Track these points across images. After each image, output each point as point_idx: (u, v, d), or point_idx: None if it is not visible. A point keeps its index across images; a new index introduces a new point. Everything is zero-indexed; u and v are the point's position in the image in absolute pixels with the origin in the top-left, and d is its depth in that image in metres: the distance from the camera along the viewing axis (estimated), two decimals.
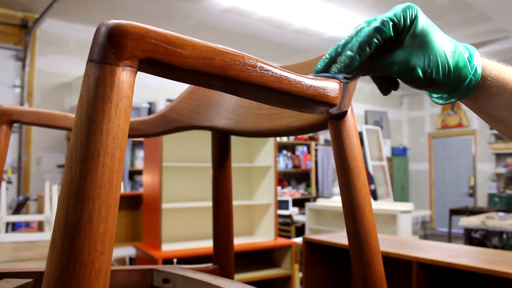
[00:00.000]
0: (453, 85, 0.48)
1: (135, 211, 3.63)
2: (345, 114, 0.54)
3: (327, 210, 4.96)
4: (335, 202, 5.01)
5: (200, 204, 3.01)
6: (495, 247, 4.74)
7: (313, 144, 7.45)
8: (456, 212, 6.30)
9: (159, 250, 2.76)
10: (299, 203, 6.80)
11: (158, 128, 0.83)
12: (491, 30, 5.80)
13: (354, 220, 0.54)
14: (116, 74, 0.30)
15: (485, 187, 8.54)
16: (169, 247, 2.82)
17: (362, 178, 0.55)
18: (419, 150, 9.57)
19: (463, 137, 9.00)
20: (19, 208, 4.17)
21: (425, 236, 7.87)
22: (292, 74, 0.38)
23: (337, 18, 5.27)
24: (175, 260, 0.89)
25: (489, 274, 1.74)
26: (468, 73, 0.47)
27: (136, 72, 0.32)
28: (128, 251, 3.31)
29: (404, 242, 2.48)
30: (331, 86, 0.44)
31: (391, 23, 0.45)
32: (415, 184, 9.54)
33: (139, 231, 3.53)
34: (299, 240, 3.59)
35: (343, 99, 0.47)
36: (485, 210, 6.01)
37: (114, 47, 0.30)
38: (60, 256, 0.28)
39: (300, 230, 5.54)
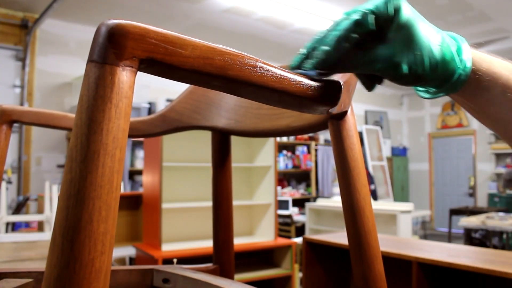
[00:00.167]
0: (441, 79, 0.44)
1: (135, 211, 3.63)
2: (345, 114, 0.54)
3: (327, 210, 4.96)
4: (335, 202, 5.00)
5: (200, 204, 3.01)
6: (495, 247, 4.74)
7: (313, 144, 7.45)
8: (456, 212, 6.30)
9: (159, 250, 2.76)
10: (299, 203, 6.80)
11: (158, 128, 0.83)
12: (491, 30, 5.80)
13: (354, 220, 0.54)
14: (116, 74, 0.30)
15: (485, 187, 8.54)
16: (169, 247, 2.82)
17: (362, 178, 0.55)
18: (419, 150, 9.56)
19: (463, 137, 9.00)
20: (19, 208, 4.17)
21: (425, 236, 7.87)
22: (292, 74, 0.39)
23: (337, 18, 5.25)
24: (175, 260, 0.90)
25: (489, 274, 1.74)
26: (457, 66, 0.44)
27: (136, 72, 0.31)
28: (128, 251, 3.31)
29: (404, 242, 2.48)
30: (331, 86, 0.44)
31: (372, 15, 0.41)
32: (415, 184, 9.54)
33: (139, 231, 3.53)
34: (299, 240, 3.59)
35: (343, 99, 0.47)
36: (485, 210, 6.00)
37: (114, 47, 0.30)
38: (60, 256, 0.28)
39: (300, 230, 5.54)
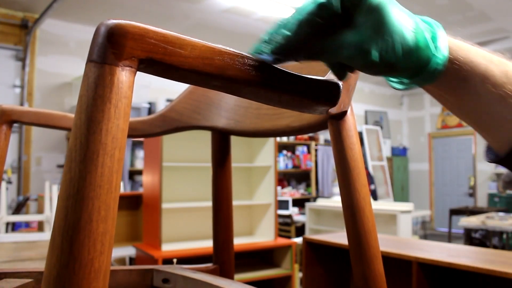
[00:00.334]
0: (415, 69, 0.41)
1: (135, 211, 3.63)
2: (344, 114, 0.54)
3: (327, 210, 4.96)
4: (335, 202, 5.00)
5: (200, 204, 3.01)
6: (495, 247, 4.74)
7: (313, 144, 7.45)
8: (456, 212, 6.30)
9: (159, 250, 2.76)
10: (299, 203, 6.79)
11: (158, 128, 0.83)
12: (491, 30, 5.80)
13: (354, 220, 0.54)
14: (115, 74, 0.30)
15: (485, 187, 8.54)
16: (169, 247, 2.82)
17: (362, 178, 0.55)
18: (419, 150, 9.56)
19: (463, 137, 9.00)
20: (19, 208, 4.17)
21: (425, 236, 7.87)
22: (291, 74, 0.38)
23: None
24: (175, 260, 0.89)
25: (489, 274, 1.74)
26: (432, 54, 0.40)
27: (135, 72, 0.31)
28: (128, 251, 3.31)
29: (404, 242, 2.48)
30: (331, 86, 0.44)
31: None
32: (415, 184, 9.54)
33: (139, 231, 3.53)
34: (299, 240, 3.58)
35: (343, 99, 0.47)
36: (485, 210, 6.00)
37: (114, 47, 0.30)
38: (59, 256, 0.28)
39: (300, 230, 5.54)
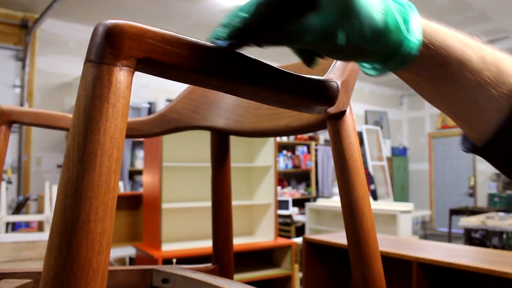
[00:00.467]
0: (386, 53, 0.37)
1: (135, 211, 3.63)
2: (343, 113, 0.54)
3: (327, 210, 4.96)
4: (335, 202, 5.00)
5: (200, 204, 3.01)
6: (495, 247, 4.74)
7: (313, 144, 7.45)
8: (456, 212, 6.30)
9: (159, 250, 2.76)
10: (299, 203, 6.79)
11: (158, 128, 0.83)
12: (491, 30, 5.80)
13: (353, 219, 0.54)
14: (113, 74, 0.30)
15: (485, 187, 8.54)
16: (169, 247, 2.82)
17: (361, 177, 0.55)
18: (419, 150, 9.56)
19: None
20: (19, 208, 4.17)
21: (425, 236, 7.87)
22: (290, 74, 0.38)
23: None
24: (174, 260, 0.90)
25: (489, 274, 1.74)
26: (403, 37, 0.37)
27: (133, 72, 0.31)
28: (128, 251, 3.31)
29: (404, 242, 2.48)
30: (329, 86, 0.44)
31: None
32: (415, 184, 9.54)
33: (139, 231, 3.53)
34: (299, 240, 3.58)
35: (341, 98, 0.47)
36: (485, 210, 6.00)
37: (112, 47, 0.30)
38: (57, 256, 0.28)
39: (300, 230, 5.53)
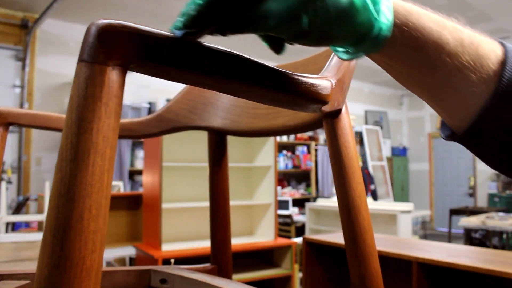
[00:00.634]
0: (356, 36, 0.35)
1: (135, 211, 3.63)
2: (339, 112, 0.54)
3: (327, 210, 4.96)
4: (335, 202, 4.95)
5: (200, 204, 3.01)
6: (495, 247, 4.74)
7: (313, 144, 7.45)
8: (456, 212, 6.29)
9: (159, 250, 2.76)
10: (299, 203, 6.79)
11: (155, 128, 0.83)
12: (491, 30, 5.80)
13: (349, 218, 0.54)
14: (106, 73, 0.30)
15: (485, 187, 8.54)
16: (169, 247, 2.82)
17: (357, 176, 0.55)
18: (419, 150, 9.56)
19: None
20: (19, 208, 4.18)
21: (425, 236, 7.86)
22: (284, 72, 0.38)
23: None
24: (172, 260, 0.90)
25: (489, 274, 1.74)
26: (373, 18, 0.35)
27: (126, 71, 0.32)
28: (128, 251, 3.31)
29: (404, 242, 2.48)
30: (323, 84, 0.44)
31: None
32: (415, 184, 9.54)
33: (139, 231, 3.53)
34: (299, 240, 3.58)
35: (336, 97, 0.47)
36: (485, 210, 6.00)
37: (104, 47, 0.30)
38: (50, 255, 0.28)
39: (300, 230, 5.53)
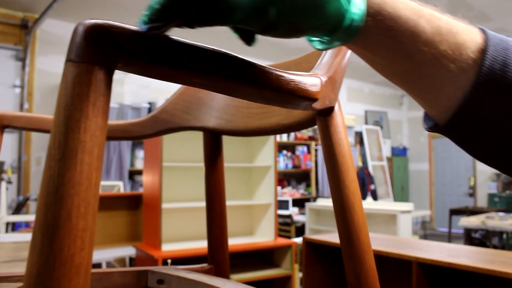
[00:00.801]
0: (327, 26, 0.34)
1: (135, 211, 3.63)
2: (332, 110, 0.55)
3: (327, 210, 4.96)
4: None
5: (200, 204, 3.01)
6: (495, 247, 4.74)
7: (313, 144, 7.45)
8: (456, 212, 6.29)
9: (159, 250, 2.76)
10: (299, 203, 6.79)
11: (150, 129, 0.83)
12: (491, 30, 5.77)
13: (344, 215, 0.54)
14: (93, 73, 0.30)
15: (485, 187, 8.53)
16: (169, 247, 2.82)
17: (350, 173, 0.55)
18: (419, 150, 9.56)
19: None
20: (19, 208, 4.18)
21: (425, 236, 7.86)
22: (271, 70, 0.39)
23: None
24: (169, 260, 0.90)
25: (489, 274, 1.74)
26: (342, 9, 0.34)
27: (113, 70, 0.32)
28: (128, 251, 3.31)
29: (404, 242, 2.48)
30: (311, 81, 0.44)
31: None
32: (415, 184, 9.53)
33: (139, 231, 3.53)
34: (299, 240, 3.58)
35: (328, 94, 0.47)
36: (485, 210, 6.00)
37: (91, 46, 0.30)
38: (39, 253, 0.28)
39: (300, 230, 5.53)
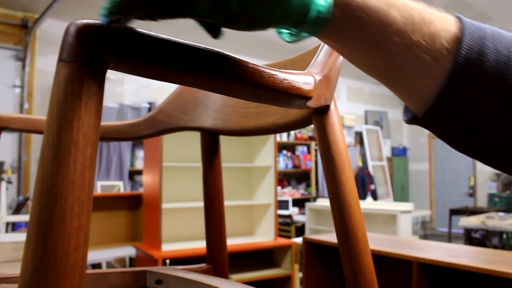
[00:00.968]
0: (293, 17, 0.33)
1: (135, 211, 3.64)
2: (327, 108, 0.55)
3: (327, 210, 4.96)
4: None
5: (200, 204, 2.97)
6: (495, 247, 4.73)
7: (313, 144, 7.44)
8: (456, 212, 6.29)
9: (159, 250, 2.76)
10: (299, 203, 6.79)
11: (147, 130, 0.84)
12: None
13: (341, 214, 0.55)
14: (85, 72, 0.30)
15: (485, 187, 8.53)
16: (169, 247, 2.82)
17: (347, 172, 0.55)
18: (419, 150, 9.55)
19: None
20: (19, 208, 4.18)
21: (425, 236, 7.86)
22: (264, 68, 0.39)
23: None
24: (167, 261, 0.90)
25: (489, 274, 1.74)
26: (307, 0, 0.32)
27: (105, 70, 0.32)
28: (128, 251, 3.31)
29: (404, 242, 2.48)
30: (304, 79, 0.44)
31: None
32: (415, 184, 9.53)
33: (139, 231, 3.53)
34: (299, 240, 3.58)
35: (323, 93, 0.47)
36: (485, 210, 6.00)
37: (82, 46, 0.30)
38: (34, 253, 0.28)
39: (300, 230, 5.54)
